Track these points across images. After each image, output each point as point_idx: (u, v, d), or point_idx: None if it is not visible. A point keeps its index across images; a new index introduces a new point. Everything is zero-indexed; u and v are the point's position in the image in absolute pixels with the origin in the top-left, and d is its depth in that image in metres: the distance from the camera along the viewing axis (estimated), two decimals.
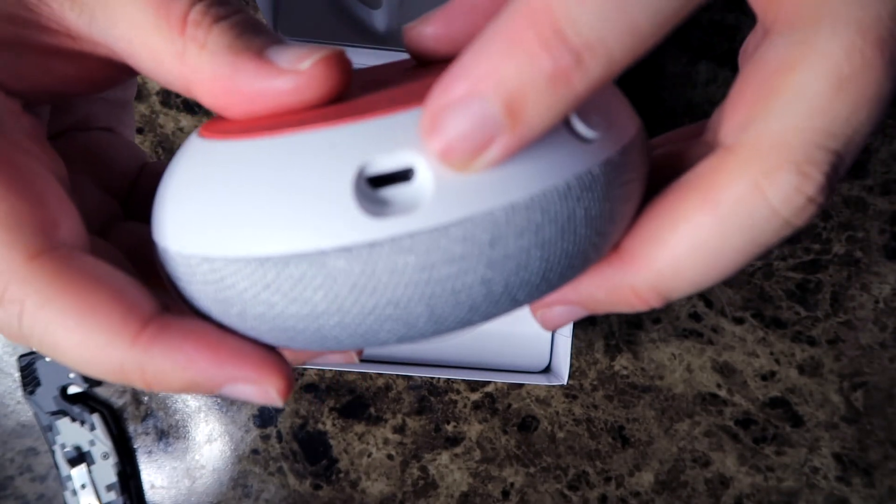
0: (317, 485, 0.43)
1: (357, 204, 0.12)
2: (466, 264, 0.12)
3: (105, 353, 0.13)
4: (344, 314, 0.13)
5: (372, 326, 0.13)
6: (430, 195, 0.12)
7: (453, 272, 0.12)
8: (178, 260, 0.14)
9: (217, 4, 0.14)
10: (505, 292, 0.13)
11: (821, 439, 0.44)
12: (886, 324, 0.44)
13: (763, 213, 0.13)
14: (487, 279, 0.13)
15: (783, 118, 0.13)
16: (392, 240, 0.12)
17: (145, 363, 0.13)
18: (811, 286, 0.44)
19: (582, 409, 0.43)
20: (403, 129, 0.12)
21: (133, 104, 0.23)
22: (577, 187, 0.13)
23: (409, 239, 0.12)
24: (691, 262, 0.14)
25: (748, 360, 0.44)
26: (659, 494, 0.43)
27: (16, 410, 0.42)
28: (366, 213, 0.12)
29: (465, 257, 0.12)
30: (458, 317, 0.13)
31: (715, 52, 0.45)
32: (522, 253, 0.12)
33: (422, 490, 0.43)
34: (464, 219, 0.12)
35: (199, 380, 0.13)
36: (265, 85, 0.13)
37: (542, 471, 0.43)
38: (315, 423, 0.43)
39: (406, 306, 0.13)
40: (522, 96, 0.11)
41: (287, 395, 0.14)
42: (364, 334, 0.13)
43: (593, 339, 0.44)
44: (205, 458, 0.43)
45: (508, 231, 0.12)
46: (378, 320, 0.13)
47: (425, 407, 0.43)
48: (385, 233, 0.12)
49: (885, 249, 0.44)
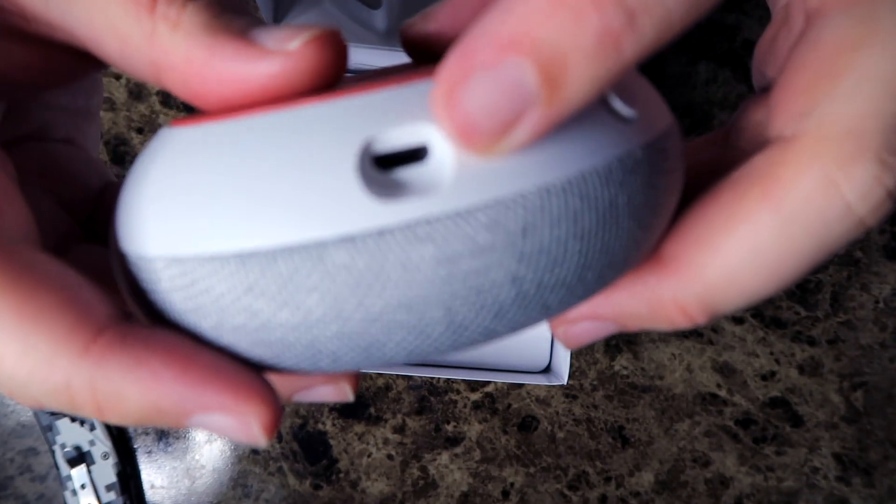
0: (317, 485, 0.43)
1: (362, 183, 0.10)
2: (494, 257, 0.10)
3: (49, 368, 0.10)
4: (344, 321, 0.10)
5: (378, 337, 0.11)
6: (450, 173, 0.10)
7: (478, 267, 0.10)
8: (140, 265, 0.11)
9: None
10: (537, 294, 0.11)
11: (821, 439, 0.44)
12: (886, 324, 0.44)
13: (836, 212, 0.11)
14: (519, 277, 0.11)
15: (855, 101, 0.11)
16: (405, 226, 0.10)
17: (97, 380, 0.10)
18: (811, 286, 0.44)
19: (582, 409, 0.43)
20: (417, 100, 0.10)
21: (100, 116, 0.20)
22: (620, 170, 0.11)
23: (426, 225, 0.10)
24: (749, 270, 0.12)
25: (748, 360, 0.44)
26: (659, 494, 0.43)
27: (16, 410, 0.42)
28: (372, 195, 0.10)
29: (493, 248, 0.10)
30: (481, 325, 0.11)
31: (715, 52, 0.45)
32: (559, 245, 0.11)
33: (422, 490, 0.43)
34: (491, 202, 0.10)
35: (164, 405, 0.11)
36: (247, 68, 0.11)
37: (542, 471, 0.43)
38: (315, 423, 0.43)
39: (420, 310, 0.10)
40: (563, 61, 0.09)
41: (273, 431, 0.11)
42: (367, 348, 0.11)
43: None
44: (205, 458, 0.43)
45: (543, 218, 0.10)
46: (386, 329, 0.11)
47: (425, 407, 0.43)
48: (397, 218, 0.10)
49: (885, 249, 0.44)
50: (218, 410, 0.11)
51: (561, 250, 0.11)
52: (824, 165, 0.11)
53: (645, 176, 0.11)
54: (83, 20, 0.12)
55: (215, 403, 0.11)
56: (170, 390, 0.10)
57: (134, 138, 0.43)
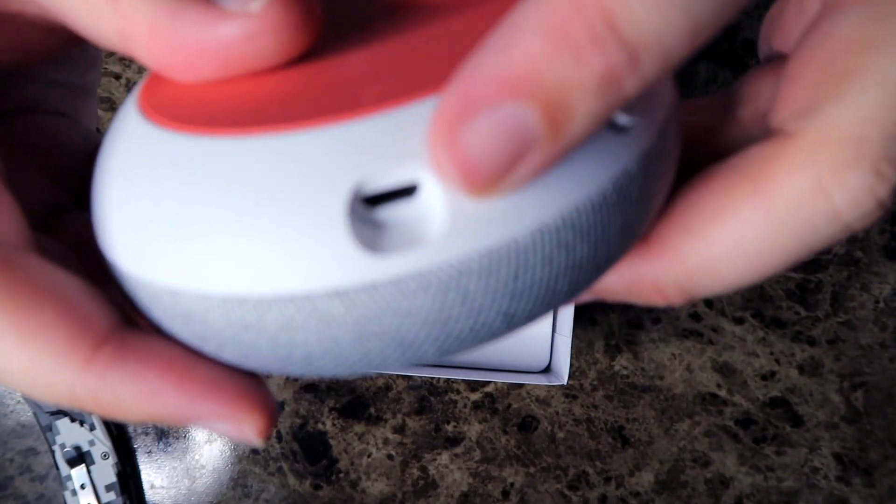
0: (317, 485, 0.43)
1: (352, 235, 0.10)
2: (486, 301, 0.10)
3: (53, 379, 0.11)
4: (341, 356, 0.11)
5: (373, 361, 0.11)
6: (440, 220, 0.10)
7: (470, 310, 0.10)
8: (136, 284, 0.11)
9: None
10: (527, 317, 0.11)
11: (821, 439, 0.44)
12: (886, 324, 0.44)
13: (824, 217, 0.11)
14: (510, 313, 0.11)
15: (858, 106, 0.11)
16: (397, 281, 0.10)
17: (100, 391, 0.11)
18: (811, 286, 0.44)
19: (582, 409, 0.43)
20: (410, 131, 0.10)
21: (96, 95, 0.20)
22: (614, 192, 0.11)
23: (417, 279, 0.10)
24: (731, 262, 0.12)
25: (748, 360, 0.44)
26: (659, 494, 0.43)
27: (15, 410, 0.42)
28: (363, 248, 0.10)
29: (486, 293, 0.10)
30: (470, 346, 0.11)
31: (715, 52, 0.45)
32: (551, 278, 0.11)
33: (422, 490, 0.43)
34: (484, 251, 0.10)
35: (164, 413, 0.11)
36: (208, 32, 0.11)
37: (542, 471, 0.43)
38: (315, 423, 0.43)
39: (415, 345, 0.11)
40: (566, 101, 0.09)
41: (267, 434, 0.12)
42: (363, 367, 0.11)
43: (593, 338, 0.43)
44: (204, 457, 0.43)
45: (535, 259, 0.10)
46: (381, 357, 0.11)
47: (425, 407, 0.43)
48: (388, 273, 0.10)
49: (885, 249, 0.44)
50: (215, 419, 0.11)
51: (552, 282, 0.11)
52: (819, 170, 0.11)
53: (638, 189, 0.11)
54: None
55: (212, 413, 0.11)
56: (168, 402, 0.11)
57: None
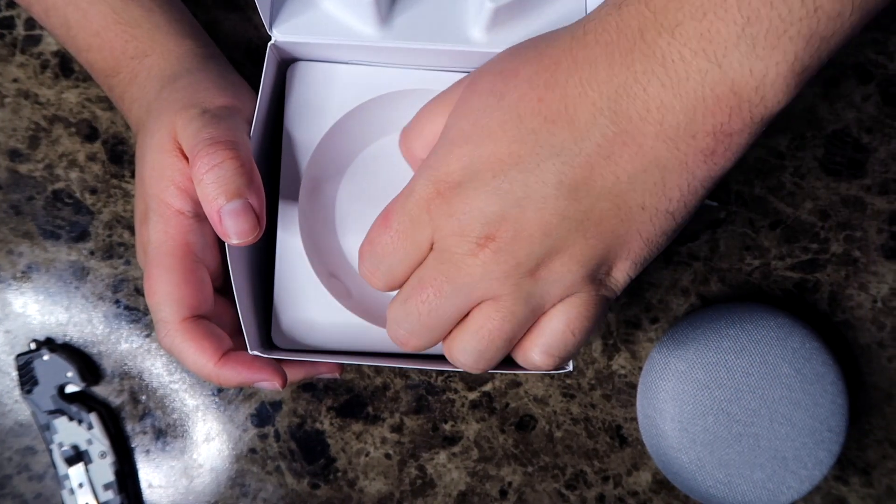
0: (314, 484, 0.43)
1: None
2: None
3: (203, 368, 0.30)
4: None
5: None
6: None
7: None
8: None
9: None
10: None
11: None
12: (885, 323, 0.44)
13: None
14: None
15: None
16: None
17: (220, 375, 0.30)
18: (809, 285, 0.44)
19: (580, 409, 0.43)
20: None
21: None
22: None
23: None
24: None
25: None
26: (657, 494, 0.43)
27: (13, 409, 0.42)
28: None
29: None
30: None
31: None
32: None
33: (419, 489, 0.43)
34: None
35: (244, 381, 0.30)
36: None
37: (539, 470, 0.43)
38: (313, 422, 0.43)
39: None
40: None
41: (283, 386, 0.31)
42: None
43: (591, 338, 0.43)
44: (202, 457, 0.43)
45: None
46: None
47: (423, 406, 0.43)
48: None
49: (883, 249, 0.44)
50: (264, 381, 0.30)
51: None
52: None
53: None
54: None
55: (263, 379, 0.30)
56: (245, 377, 0.30)
57: (132, 138, 0.43)
